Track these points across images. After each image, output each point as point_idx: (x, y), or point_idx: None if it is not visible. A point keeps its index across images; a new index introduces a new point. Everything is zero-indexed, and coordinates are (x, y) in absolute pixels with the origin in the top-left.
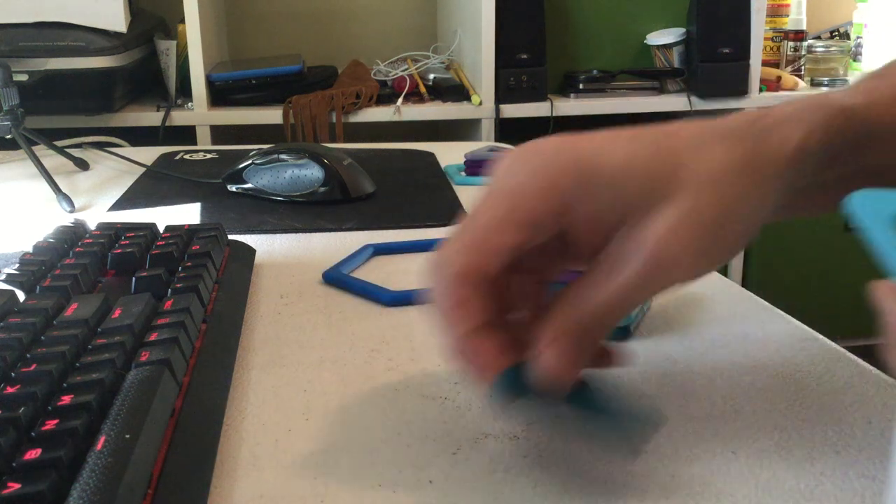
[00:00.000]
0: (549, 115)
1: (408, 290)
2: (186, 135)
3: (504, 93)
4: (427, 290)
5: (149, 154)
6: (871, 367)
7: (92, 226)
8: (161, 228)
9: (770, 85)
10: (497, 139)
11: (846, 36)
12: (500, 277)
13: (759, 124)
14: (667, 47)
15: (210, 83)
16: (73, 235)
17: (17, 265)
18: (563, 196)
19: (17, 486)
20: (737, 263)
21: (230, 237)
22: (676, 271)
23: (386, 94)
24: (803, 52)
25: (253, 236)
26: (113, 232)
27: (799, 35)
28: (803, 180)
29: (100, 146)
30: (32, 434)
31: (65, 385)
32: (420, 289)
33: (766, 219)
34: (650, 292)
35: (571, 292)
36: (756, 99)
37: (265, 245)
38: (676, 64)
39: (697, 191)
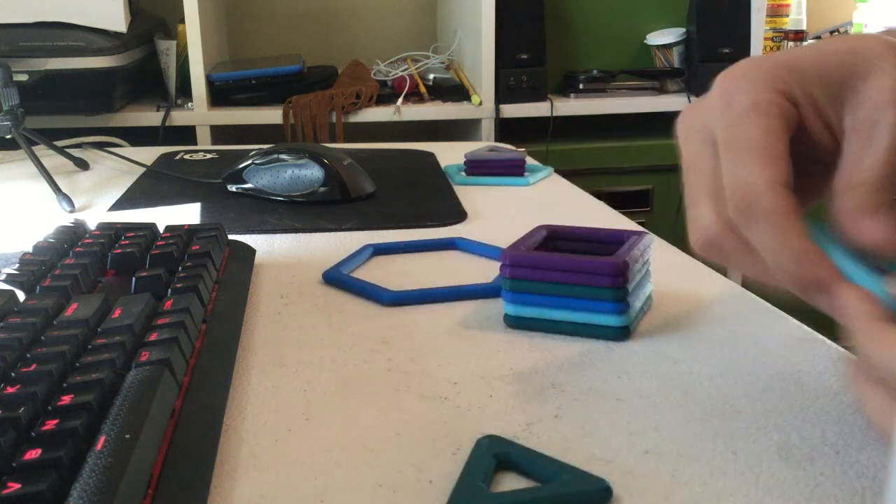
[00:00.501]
0: (549, 115)
1: (408, 290)
2: (186, 135)
3: (504, 93)
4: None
5: (149, 154)
6: None
7: (92, 226)
8: (161, 228)
9: None
10: (497, 139)
11: None
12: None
13: None
14: (667, 47)
15: (210, 83)
16: (73, 235)
17: (17, 265)
18: (794, 97)
19: (17, 486)
20: None
21: (230, 237)
22: None
23: (386, 94)
24: None
25: (253, 236)
26: (113, 232)
27: (799, 35)
28: None
29: (100, 146)
30: (32, 434)
31: (65, 385)
32: (421, 288)
33: None
34: None
35: (842, 180)
36: None
37: (265, 245)
38: (676, 64)
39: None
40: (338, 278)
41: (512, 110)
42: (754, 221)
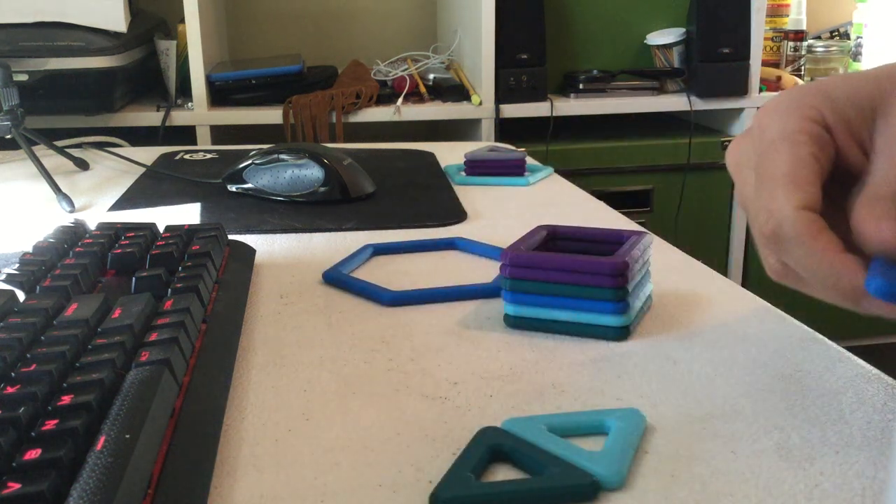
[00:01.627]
0: (549, 115)
1: (408, 290)
2: (186, 135)
3: (504, 93)
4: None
5: (149, 154)
6: (871, 367)
7: (92, 226)
8: (161, 228)
9: (770, 85)
10: (497, 139)
11: (846, 36)
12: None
13: None
14: (667, 47)
15: (210, 83)
16: (73, 235)
17: (17, 265)
18: (825, 121)
19: (17, 486)
20: (737, 264)
21: (230, 237)
22: None
23: (386, 94)
24: (803, 52)
25: (253, 236)
26: (113, 232)
27: (799, 35)
28: None
29: (100, 146)
30: (32, 434)
31: (65, 385)
32: (421, 288)
33: None
34: None
35: (871, 190)
36: (756, 99)
37: (265, 245)
38: (676, 64)
39: None
40: (338, 278)
41: (512, 110)
42: (785, 247)
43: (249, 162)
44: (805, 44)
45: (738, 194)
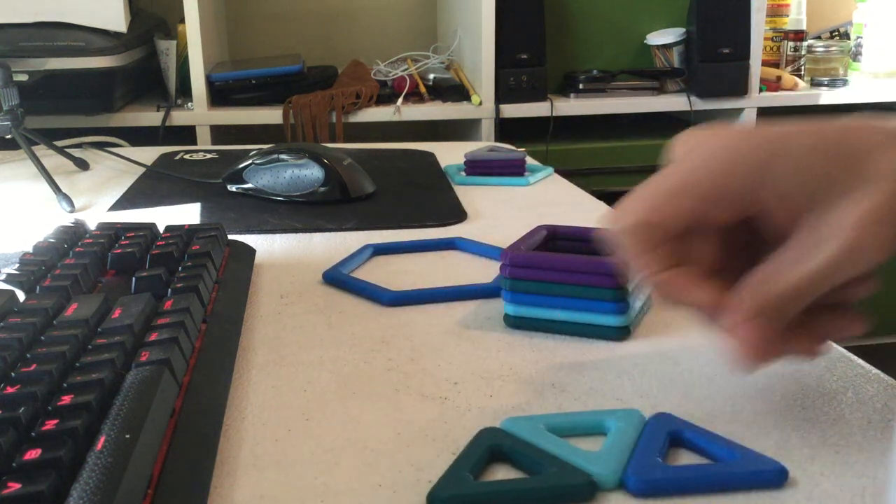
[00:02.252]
0: (549, 115)
1: (408, 290)
2: (186, 135)
3: (504, 93)
4: (609, 232)
5: (149, 154)
6: (871, 367)
7: (92, 226)
8: (161, 228)
9: (770, 85)
10: (497, 139)
11: (846, 36)
12: (675, 240)
13: None
14: (667, 47)
15: (210, 83)
16: (73, 235)
17: (17, 265)
18: (752, 174)
19: (17, 486)
20: None
21: (230, 237)
22: (868, 257)
23: (386, 94)
24: (803, 52)
25: (253, 236)
26: (113, 232)
27: (799, 35)
28: None
29: (100, 146)
30: (32, 434)
31: (65, 385)
32: (421, 288)
33: None
34: (841, 276)
35: (762, 274)
36: (756, 99)
37: (265, 245)
38: (676, 64)
39: (889, 183)
40: (338, 278)
41: (512, 110)
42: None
43: (249, 162)
44: (805, 44)
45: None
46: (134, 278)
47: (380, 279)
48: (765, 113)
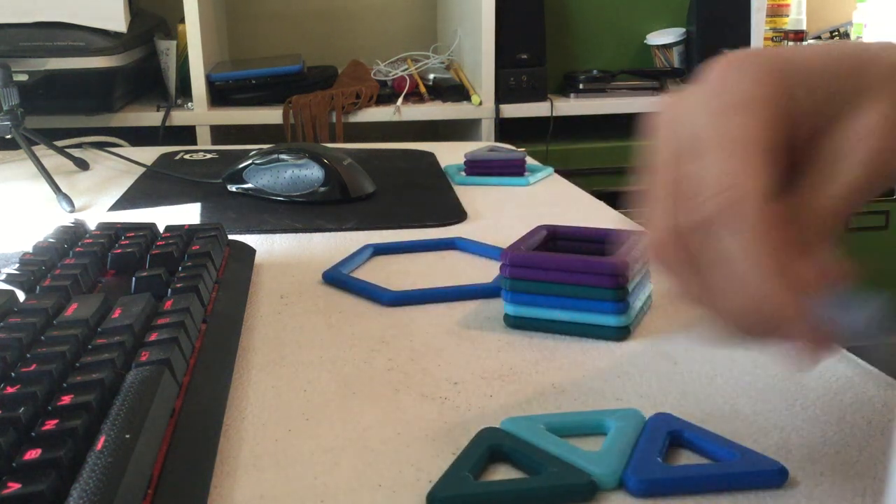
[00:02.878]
0: (549, 115)
1: (408, 290)
2: (186, 135)
3: (504, 93)
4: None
5: (149, 154)
6: (871, 367)
7: (92, 226)
8: (161, 228)
9: None
10: (497, 139)
11: (846, 36)
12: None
13: None
14: (667, 47)
15: (210, 83)
16: (73, 235)
17: (17, 265)
18: (787, 102)
19: (17, 486)
20: None
21: (230, 237)
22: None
23: (386, 94)
24: None
25: (253, 236)
26: (113, 232)
27: (799, 35)
28: None
29: (100, 146)
30: (32, 434)
31: (65, 385)
32: (421, 288)
33: None
34: (872, 187)
35: (801, 198)
36: None
37: (265, 245)
38: (676, 64)
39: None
40: (337, 278)
41: (512, 110)
42: (734, 225)
43: (249, 162)
44: (805, 44)
45: (660, 160)
46: (134, 278)
47: (380, 279)
48: None
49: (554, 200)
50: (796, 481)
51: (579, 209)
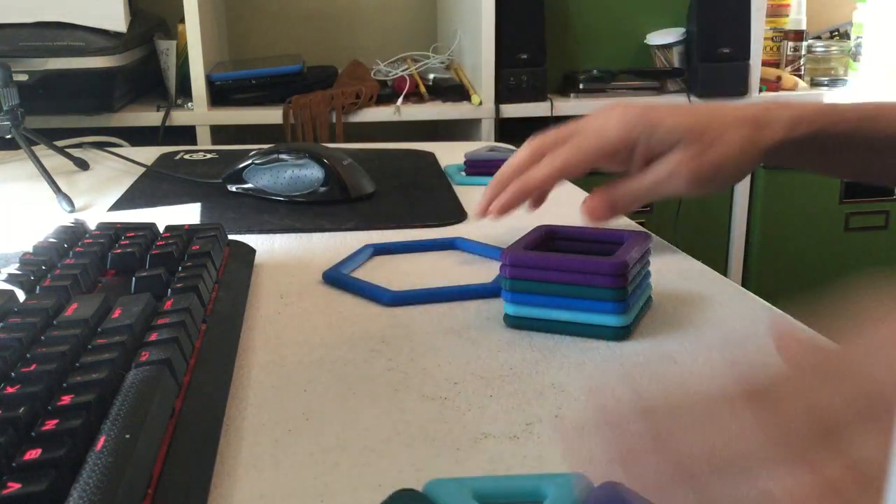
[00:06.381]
0: (549, 114)
1: (408, 290)
2: (186, 135)
3: (504, 93)
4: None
5: (149, 154)
6: None
7: (92, 226)
8: (161, 228)
9: (770, 85)
10: (497, 139)
11: (846, 36)
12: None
13: (768, 115)
14: (667, 47)
15: (210, 83)
16: (73, 235)
17: (17, 265)
18: (636, 139)
19: (17, 486)
20: (737, 264)
21: (230, 237)
22: (677, 182)
23: (386, 94)
24: (803, 52)
25: (253, 236)
26: (113, 232)
27: (799, 35)
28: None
29: (100, 146)
30: (32, 434)
31: (65, 385)
32: (421, 288)
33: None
34: (664, 190)
35: (621, 180)
36: (756, 99)
37: (265, 245)
38: (676, 64)
39: (712, 146)
40: (338, 278)
41: (512, 110)
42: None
43: (249, 162)
44: (805, 44)
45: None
46: (134, 278)
47: (380, 279)
48: None
49: (554, 200)
50: None
51: (579, 209)
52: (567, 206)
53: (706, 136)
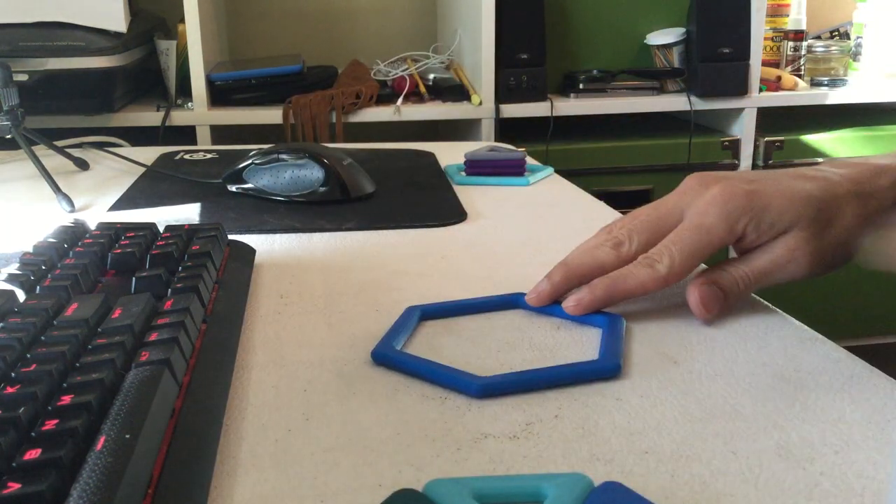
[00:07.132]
0: (549, 114)
1: (499, 374)
2: (186, 135)
3: (504, 93)
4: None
5: (149, 154)
6: (871, 367)
7: (92, 226)
8: (161, 228)
9: (770, 85)
10: (497, 139)
11: (846, 36)
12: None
13: (862, 187)
14: (667, 47)
15: (210, 83)
16: (73, 235)
17: (17, 265)
18: (742, 232)
19: (17, 486)
20: None
21: (230, 237)
22: (795, 268)
23: (386, 94)
24: (803, 52)
25: (253, 236)
26: (113, 232)
27: (799, 35)
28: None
29: (100, 146)
30: (32, 434)
31: (65, 385)
32: (512, 372)
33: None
34: (781, 276)
35: (728, 266)
36: (756, 99)
37: (265, 245)
38: (676, 64)
39: (829, 227)
40: (394, 359)
41: (512, 110)
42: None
43: (249, 162)
44: (805, 44)
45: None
46: (134, 278)
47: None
48: (765, 113)
49: (554, 200)
50: (796, 481)
51: (579, 209)
52: (567, 206)
53: (821, 217)
